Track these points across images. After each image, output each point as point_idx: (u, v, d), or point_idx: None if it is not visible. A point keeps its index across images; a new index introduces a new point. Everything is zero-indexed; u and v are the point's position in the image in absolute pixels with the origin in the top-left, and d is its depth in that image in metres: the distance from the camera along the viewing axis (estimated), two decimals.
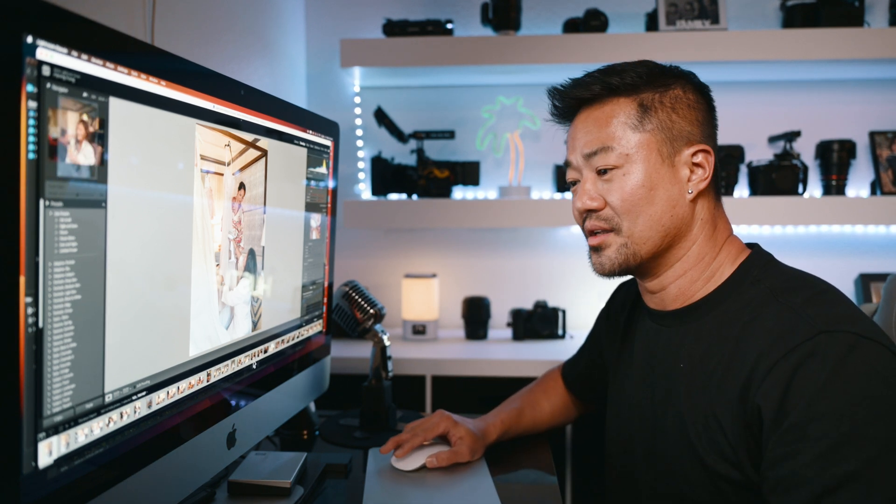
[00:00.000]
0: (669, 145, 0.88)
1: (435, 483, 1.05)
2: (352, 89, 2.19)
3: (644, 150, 0.87)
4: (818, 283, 0.85)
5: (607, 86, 0.89)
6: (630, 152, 0.88)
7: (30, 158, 0.53)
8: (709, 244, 0.91)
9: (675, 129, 0.88)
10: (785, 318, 0.79)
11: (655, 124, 0.88)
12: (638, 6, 2.09)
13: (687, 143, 0.89)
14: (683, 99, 0.90)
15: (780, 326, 0.79)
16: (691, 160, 0.89)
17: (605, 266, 0.92)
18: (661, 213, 0.88)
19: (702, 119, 0.90)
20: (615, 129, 0.88)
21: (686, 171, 0.89)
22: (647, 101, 0.89)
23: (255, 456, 1.09)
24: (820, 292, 0.82)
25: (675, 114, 0.88)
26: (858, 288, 2.06)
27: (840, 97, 2.11)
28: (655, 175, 0.87)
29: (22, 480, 0.55)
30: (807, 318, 0.78)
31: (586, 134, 0.91)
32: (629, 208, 0.88)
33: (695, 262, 0.90)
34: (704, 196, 0.91)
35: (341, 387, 1.82)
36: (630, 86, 0.89)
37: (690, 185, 0.89)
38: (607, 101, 0.90)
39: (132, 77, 0.65)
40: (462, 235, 2.22)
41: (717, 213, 0.93)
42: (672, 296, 0.93)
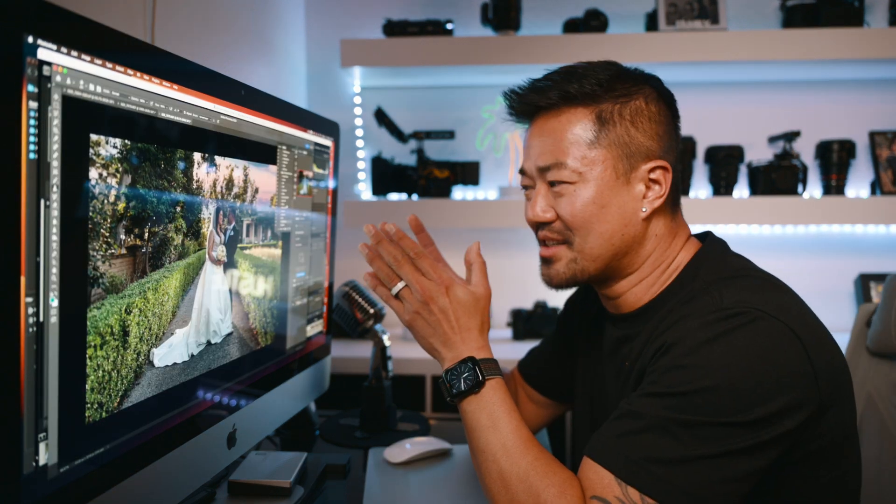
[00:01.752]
0: (626, 161, 0.85)
1: (435, 483, 1.05)
2: (352, 89, 2.19)
3: (598, 168, 0.84)
4: (755, 274, 0.84)
5: (564, 94, 0.85)
6: (583, 170, 0.84)
7: (30, 158, 0.53)
8: (665, 254, 0.89)
9: (632, 145, 0.85)
10: (701, 305, 0.79)
11: (612, 139, 0.84)
12: (638, 6, 2.09)
13: (645, 158, 0.85)
14: (645, 111, 0.85)
15: (694, 313, 0.79)
16: (648, 176, 0.86)
17: (552, 279, 0.90)
18: (612, 231, 0.85)
19: (662, 132, 0.86)
20: (569, 144, 0.85)
21: (642, 186, 0.86)
22: (606, 113, 0.85)
23: (256, 456, 1.09)
24: (750, 282, 0.81)
25: (633, 128, 0.85)
26: (858, 288, 2.06)
27: (840, 97, 2.11)
28: (608, 192, 0.85)
29: (22, 480, 0.55)
30: (717, 302, 0.77)
31: (541, 145, 0.88)
32: (580, 224, 0.86)
33: (650, 271, 0.89)
34: (660, 213, 0.88)
35: (341, 387, 1.82)
36: (588, 95, 0.85)
37: (645, 202, 0.86)
38: (564, 110, 0.86)
39: (132, 77, 0.66)
40: (462, 235, 2.22)
41: (674, 225, 0.90)
42: (629, 302, 0.91)
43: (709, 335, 0.74)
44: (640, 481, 0.70)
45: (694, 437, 0.70)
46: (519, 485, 0.77)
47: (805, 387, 0.73)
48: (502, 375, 0.88)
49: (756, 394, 0.71)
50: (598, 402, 0.99)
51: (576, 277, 0.89)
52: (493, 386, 0.86)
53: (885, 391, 1.20)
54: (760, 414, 0.70)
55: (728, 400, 0.70)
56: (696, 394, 0.71)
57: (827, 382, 0.74)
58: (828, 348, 0.77)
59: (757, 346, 0.72)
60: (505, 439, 0.81)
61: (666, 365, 0.75)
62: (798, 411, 0.72)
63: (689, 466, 0.70)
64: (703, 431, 0.70)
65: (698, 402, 0.71)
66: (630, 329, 0.91)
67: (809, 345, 0.74)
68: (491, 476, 0.80)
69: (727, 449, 0.70)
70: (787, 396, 0.71)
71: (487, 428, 0.83)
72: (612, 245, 0.86)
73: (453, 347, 0.89)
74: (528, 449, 0.80)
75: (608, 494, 0.71)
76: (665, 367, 0.75)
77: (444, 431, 1.39)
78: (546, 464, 0.78)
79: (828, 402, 0.75)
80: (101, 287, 0.63)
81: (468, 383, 0.85)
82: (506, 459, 0.79)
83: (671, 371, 0.74)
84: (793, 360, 0.73)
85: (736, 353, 0.72)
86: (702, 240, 0.93)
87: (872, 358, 1.24)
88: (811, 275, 2.12)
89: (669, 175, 0.87)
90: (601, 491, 0.72)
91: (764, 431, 0.71)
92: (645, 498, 0.70)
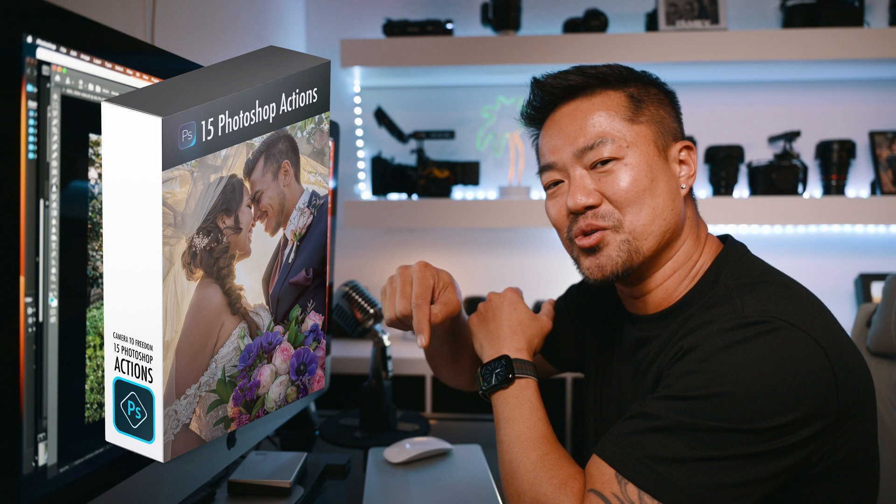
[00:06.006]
0: (662, 139, 0.84)
1: (435, 482, 1.05)
2: (352, 89, 2.19)
3: (642, 142, 0.83)
4: (778, 280, 0.82)
5: (598, 75, 0.85)
6: (630, 143, 0.82)
7: (30, 158, 0.53)
8: (695, 243, 0.88)
9: (664, 124, 0.85)
10: (722, 312, 0.77)
11: (648, 116, 0.84)
12: (638, 6, 2.09)
13: (674, 138, 0.86)
14: (663, 97, 0.87)
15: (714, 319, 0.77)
16: (679, 156, 0.86)
17: (605, 268, 0.83)
18: (663, 205, 0.82)
19: (679, 117, 0.88)
20: (611, 120, 0.83)
21: (675, 165, 0.86)
22: (636, 93, 0.85)
23: (255, 456, 1.09)
24: (774, 289, 0.79)
25: (661, 109, 0.85)
26: (858, 288, 2.06)
27: (840, 97, 2.11)
28: (655, 166, 0.83)
29: (22, 480, 0.55)
30: (738, 309, 0.76)
31: (577, 127, 0.84)
32: (633, 199, 0.81)
33: (683, 262, 0.87)
34: (688, 195, 0.88)
35: (341, 387, 1.82)
36: (618, 78, 0.85)
37: (682, 179, 0.86)
38: (597, 92, 0.85)
39: (132, 77, 0.65)
40: (462, 235, 2.22)
41: (697, 212, 0.90)
42: (656, 300, 0.88)
43: (727, 342, 0.72)
44: (640, 477, 0.70)
45: (701, 441, 0.69)
46: (525, 475, 0.79)
47: (825, 397, 0.70)
48: (536, 378, 0.89)
49: (772, 403, 0.69)
50: (614, 404, 0.96)
51: (631, 261, 0.82)
52: (522, 385, 0.87)
53: (886, 391, 1.20)
54: (775, 423, 0.68)
55: (742, 407, 0.69)
56: (708, 399, 0.70)
57: (849, 393, 0.72)
58: (852, 359, 0.75)
59: (776, 354, 0.70)
60: (521, 432, 0.83)
61: (681, 370, 0.74)
62: (816, 422, 0.70)
63: (692, 466, 0.69)
64: (712, 436, 0.69)
65: (710, 407, 0.69)
66: (650, 331, 0.88)
67: (833, 354, 0.72)
68: (503, 465, 0.83)
69: (734, 453, 0.68)
70: (805, 407, 0.69)
71: (507, 420, 0.85)
72: (665, 220, 0.83)
73: (495, 344, 0.92)
74: (541, 444, 0.81)
75: (606, 490, 0.71)
76: (680, 372, 0.74)
77: (444, 431, 1.39)
78: (556, 459, 0.79)
79: (849, 413, 0.73)
80: (101, 287, 0.63)
81: (498, 378, 0.88)
82: (518, 451, 0.81)
83: (686, 376, 0.73)
84: (815, 370, 0.70)
85: (753, 361, 0.70)
86: (722, 241, 0.91)
87: (872, 358, 1.24)
88: (811, 275, 2.11)
89: (695, 154, 0.87)
90: (600, 486, 0.72)
91: (777, 440, 0.69)
92: (642, 495, 0.69)
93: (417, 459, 1.13)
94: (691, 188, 0.89)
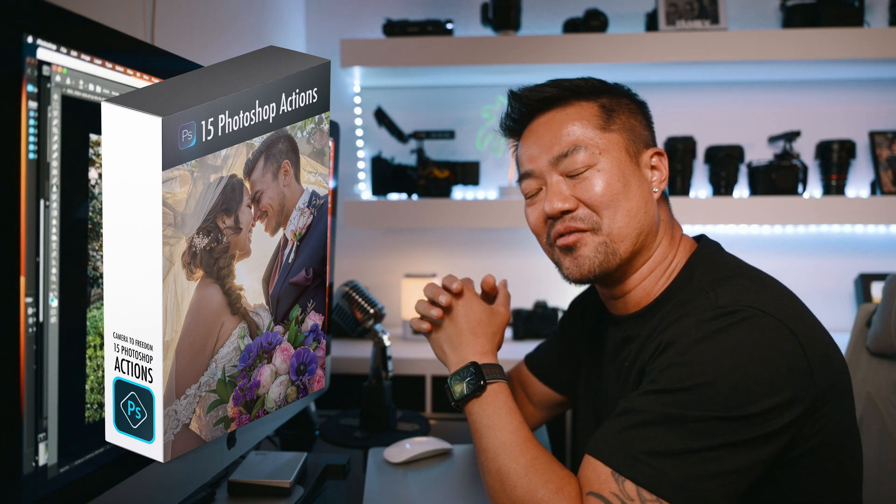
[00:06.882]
0: (634, 145, 0.89)
1: (435, 483, 1.05)
2: (352, 89, 2.19)
3: (614, 149, 0.87)
4: (749, 273, 0.86)
5: (569, 87, 0.90)
6: (602, 150, 0.87)
7: (30, 158, 0.53)
8: (670, 244, 0.92)
9: (635, 131, 0.90)
10: (697, 306, 0.80)
11: (620, 125, 0.89)
12: (638, 6, 2.09)
13: (645, 145, 0.91)
14: (634, 107, 0.92)
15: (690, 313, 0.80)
16: (650, 162, 0.90)
17: (582, 267, 0.87)
18: (637, 208, 0.87)
19: (649, 125, 0.93)
20: (584, 129, 0.88)
21: (647, 171, 0.90)
22: (608, 104, 0.89)
23: (255, 456, 1.09)
24: (745, 281, 0.82)
25: (632, 117, 0.90)
26: (858, 288, 2.06)
27: (840, 97, 2.11)
28: (627, 171, 0.87)
29: (23, 480, 0.55)
30: (712, 301, 0.79)
31: (553, 136, 0.89)
32: (608, 202, 0.86)
33: (660, 261, 0.91)
34: (661, 198, 0.93)
35: (341, 387, 1.82)
36: (591, 89, 0.90)
37: (654, 184, 0.90)
38: (570, 103, 0.90)
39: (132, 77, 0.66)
40: (462, 235, 2.22)
41: (671, 214, 0.94)
42: (635, 300, 0.92)
43: (704, 333, 0.75)
44: (637, 474, 0.71)
45: (690, 431, 0.71)
46: (517, 482, 0.78)
47: (801, 382, 0.74)
48: (506, 380, 0.89)
49: (752, 389, 0.72)
50: (601, 404, 0.99)
51: (608, 262, 0.87)
52: (494, 390, 0.87)
53: (885, 391, 1.20)
54: (757, 409, 0.71)
55: (724, 395, 0.71)
56: (691, 389, 0.72)
57: (823, 378, 0.75)
58: (823, 344, 0.78)
59: (753, 342, 0.74)
60: (504, 438, 0.82)
61: (663, 364, 0.76)
62: (794, 406, 0.73)
63: (684, 458, 0.71)
64: (700, 426, 0.71)
65: (695, 397, 0.72)
66: (631, 330, 0.92)
67: (805, 341, 0.75)
68: (491, 474, 0.81)
69: (723, 442, 0.71)
70: (783, 392, 0.72)
71: (488, 427, 0.84)
72: (638, 223, 0.87)
73: (459, 351, 0.92)
74: (528, 448, 0.81)
75: (605, 490, 0.71)
76: (662, 366, 0.76)
77: (444, 431, 1.39)
78: (545, 463, 0.79)
79: (824, 398, 0.76)
80: (101, 287, 0.63)
81: (470, 387, 0.87)
82: (505, 457, 0.80)
83: (668, 369, 0.75)
84: (789, 355, 0.74)
85: (731, 350, 0.73)
86: (696, 241, 0.95)
87: (872, 358, 1.24)
88: (811, 275, 2.12)
89: (666, 159, 0.92)
90: (598, 487, 0.72)
91: (761, 426, 0.71)
92: (641, 491, 0.70)
93: (417, 459, 1.14)
94: (665, 192, 0.94)
